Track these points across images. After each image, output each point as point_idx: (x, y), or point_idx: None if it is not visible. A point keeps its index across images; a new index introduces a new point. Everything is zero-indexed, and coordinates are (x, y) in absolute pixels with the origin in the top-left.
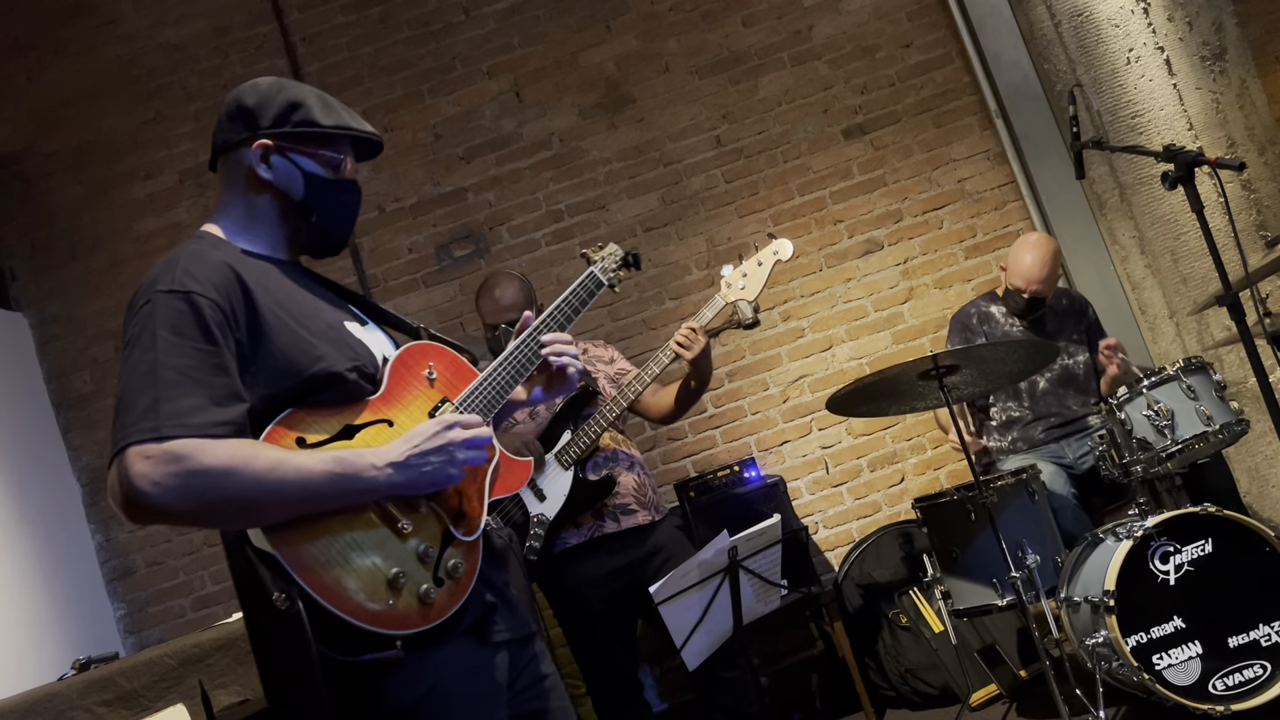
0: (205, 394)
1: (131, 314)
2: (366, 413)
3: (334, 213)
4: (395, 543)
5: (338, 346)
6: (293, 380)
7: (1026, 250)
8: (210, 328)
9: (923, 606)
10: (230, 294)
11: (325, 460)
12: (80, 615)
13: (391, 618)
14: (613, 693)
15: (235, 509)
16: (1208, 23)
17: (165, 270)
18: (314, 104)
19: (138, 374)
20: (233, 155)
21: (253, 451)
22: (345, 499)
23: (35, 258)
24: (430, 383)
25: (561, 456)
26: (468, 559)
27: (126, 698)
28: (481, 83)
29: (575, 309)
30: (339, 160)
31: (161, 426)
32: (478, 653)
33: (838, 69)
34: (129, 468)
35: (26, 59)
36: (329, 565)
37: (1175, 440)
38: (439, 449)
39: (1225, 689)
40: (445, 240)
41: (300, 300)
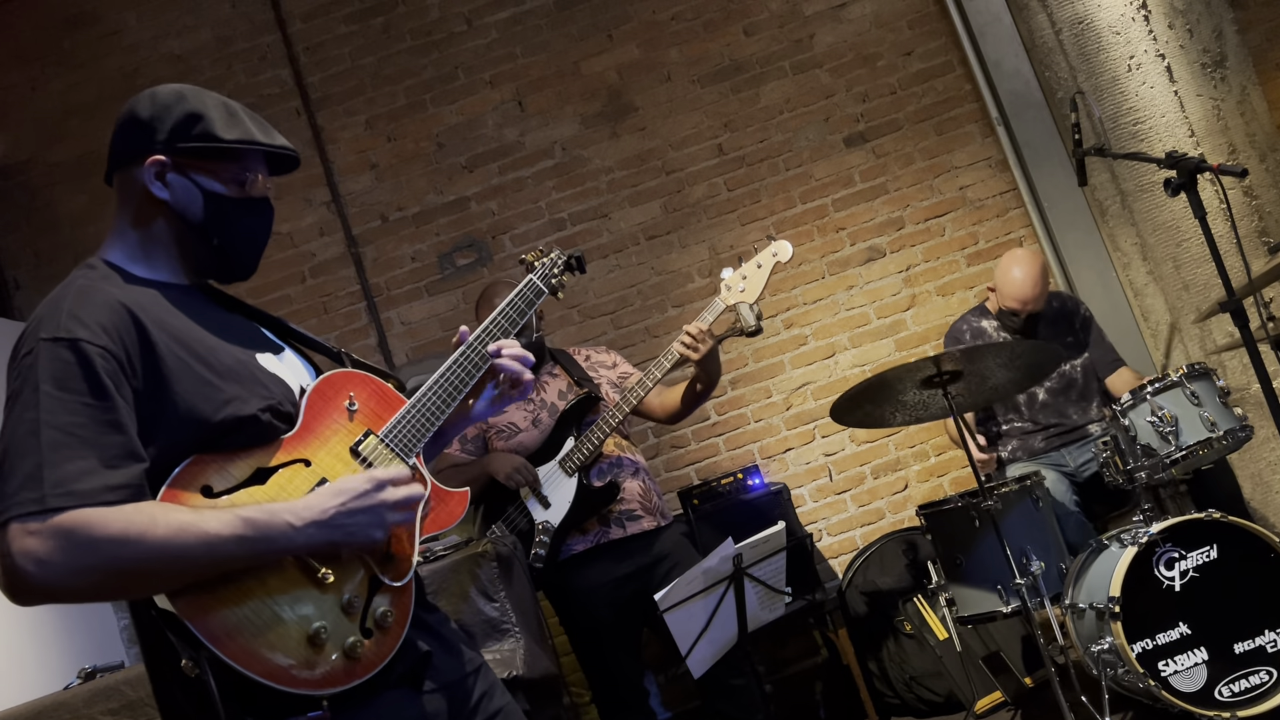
0: (95, 455)
1: (13, 365)
2: (280, 453)
3: (239, 235)
4: (315, 595)
5: (248, 385)
6: (199, 428)
7: (1014, 268)
8: (100, 379)
9: (927, 614)
10: (124, 337)
11: (233, 523)
12: (84, 625)
13: (314, 677)
14: (617, 701)
15: (133, 581)
16: (1208, 30)
17: (49, 313)
18: (215, 115)
19: (18, 435)
20: (126, 172)
21: (150, 519)
22: (258, 559)
23: (39, 267)
24: (350, 415)
25: (565, 463)
26: (398, 605)
27: (132, 706)
28: (484, 92)
29: (514, 319)
30: (245, 177)
31: (46, 497)
32: (412, 704)
33: (839, 77)
34: (10, 545)
35: (31, 69)
36: (241, 625)
37: (1179, 446)
38: (367, 509)
39: (1231, 695)
40: (448, 249)
41: (204, 336)
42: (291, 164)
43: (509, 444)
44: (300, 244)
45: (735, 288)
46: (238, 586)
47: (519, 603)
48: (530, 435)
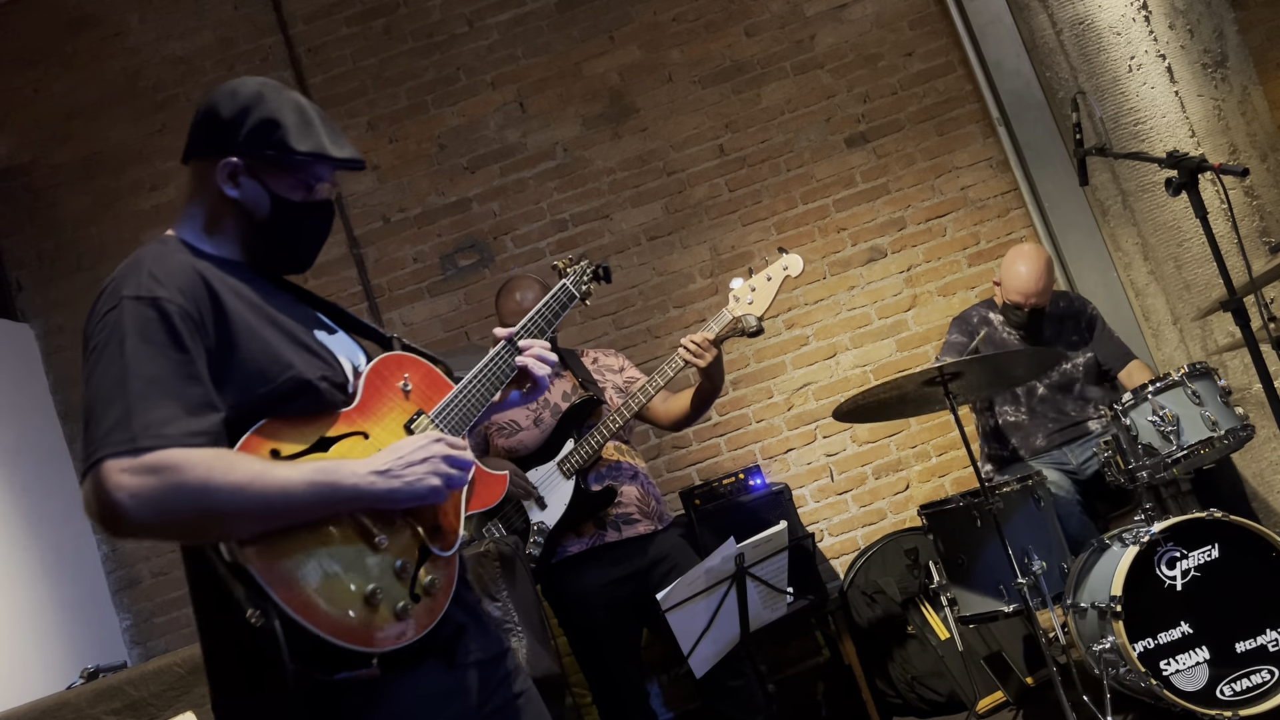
0: (178, 404)
1: (94, 320)
2: (341, 424)
3: (301, 235)
4: (372, 558)
5: (307, 355)
6: (262, 389)
7: (1019, 263)
8: (180, 335)
9: (929, 614)
10: (198, 299)
11: (306, 470)
12: (86, 626)
13: (368, 635)
14: (618, 702)
15: (214, 521)
16: (1209, 30)
17: (130, 274)
18: (291, 124)
19: (106, 384)
20: (201, 163)
21: (231, 463)
22: (327, 508)
23: (42, 269)
24: (405, 394)
25: (564, 465)
26: (444, 575)
27: (135, 706)
28: (485, 93)
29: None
30: (313, 183)
31: (136, 438)
32: (447, 675)
33: (840, 78)
34: (105, 481)
35: (34, 71)
36: (304, 581)
37: (1180, 446)
38: (425, 460)
39: (1233, 694)
40: (450, 250)
41: (267, 308)
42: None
43: (509, 441)
44: None
45: (744, 299)
46: (302, 544)
47: (521, 602)
48: (531, 434)
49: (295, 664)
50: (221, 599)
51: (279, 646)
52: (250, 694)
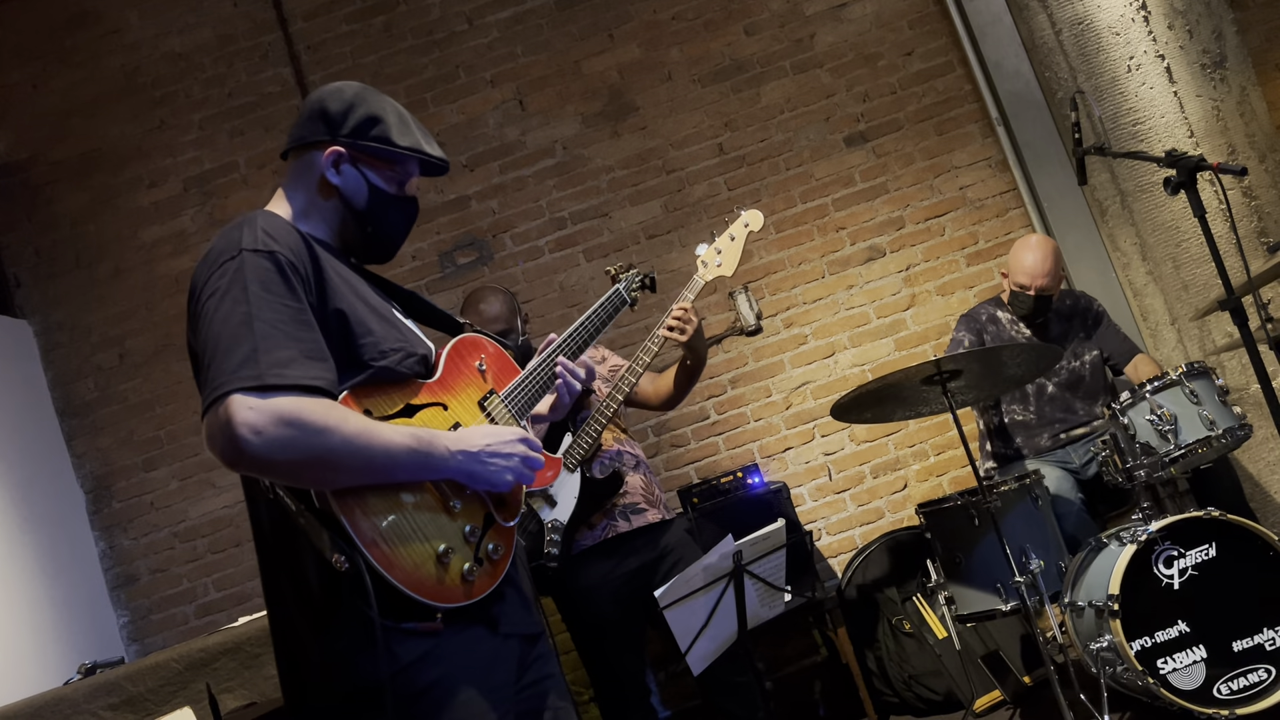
0: (298, 348)
1: (213, 269)
2: (424, 394)
3: (391, 226)
4: (446, 521)
5: (389, 328)
6: (348, 352)
7: (1026, 250)
8: (295, 286)
9: (926, 612)
10: (303, 257)
11: (406, 435)
12: (83, 623)
13: (437, 590)
14: (619, 698)
15: (325, 468)
16: (1208, 31)
17: (247, 229)
18: (392, 121)
19: (230, 324)
20: (306, 153)
21: (344, 415)
22: (418, 474)
23: (40, 265)
24: (481, 374)
25: (566, 459)
26: (505, 544)
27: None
28: (485, 91)
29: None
30: (405, 179)
31: (264, 374)
32: (491, 642)
33: (839, 77)
34: (233, 415)
35: (32, 67)
36: (386, 535)
37: (1178, 445)
38: (507, 455)
39: (1230, 693)
40: (449, 247)
41: (355, 279)
42: (443, 172)
43: None
44: None
45: (712, 263)
46: (387, 502)
47: None
48: None
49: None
50: (296, 547)
51: (365, 589)
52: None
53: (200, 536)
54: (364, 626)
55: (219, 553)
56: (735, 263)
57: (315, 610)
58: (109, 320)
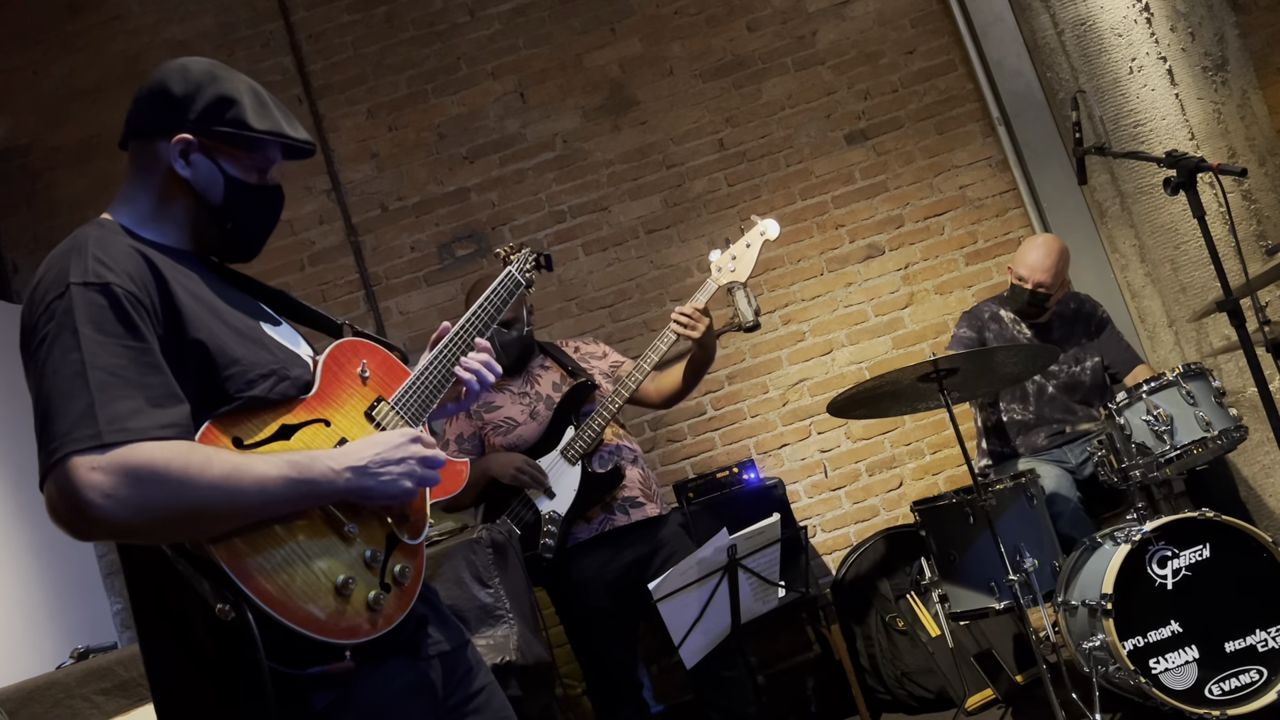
0: (142, 396)
1: (38, 309)
2: (301, 411)
3: (253, 220)
4: (341, 548)
5: (255, 347)
6: (212, 386)
7: (1033, 246)
8: (135, 322)
9: (920, 611)
10: (146, 285)
11: (281, 465)
12: (77, 609)
13: (342, 626)
14: (611, 692)
15: (193, 519)
16: (1210, 33)
17: (74, 259)
18: (247, 102)
19: (62, 377)
20: (148, 144)
21: (205, 458)
22: (302, 503)
23: (38, 251)
24: (364, 381)
25: (567, 452)
26: (414, 563)
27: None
28: (486, 83)
29: (498, 308)
30: (266, 166)
31: (102, 433)
32: (412, 669)
33: (841, 74)
34: (74, 479)
35: (33, 53)
36: (274, 572)
37: (1174, 446)
38: (400, 460)
39: (1221, 694)
40: (447, 239)
41: (213, 299)
42: (307, 155)
43: (507, 439)
44: (300, 232)
45: (725, 268)
46: (272, 537)
47: (513, 590)
48: (529, 428)
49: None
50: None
51: (254, 639)
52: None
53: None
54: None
55: None
56: (749, 269)
57: (203, 668)
58: None
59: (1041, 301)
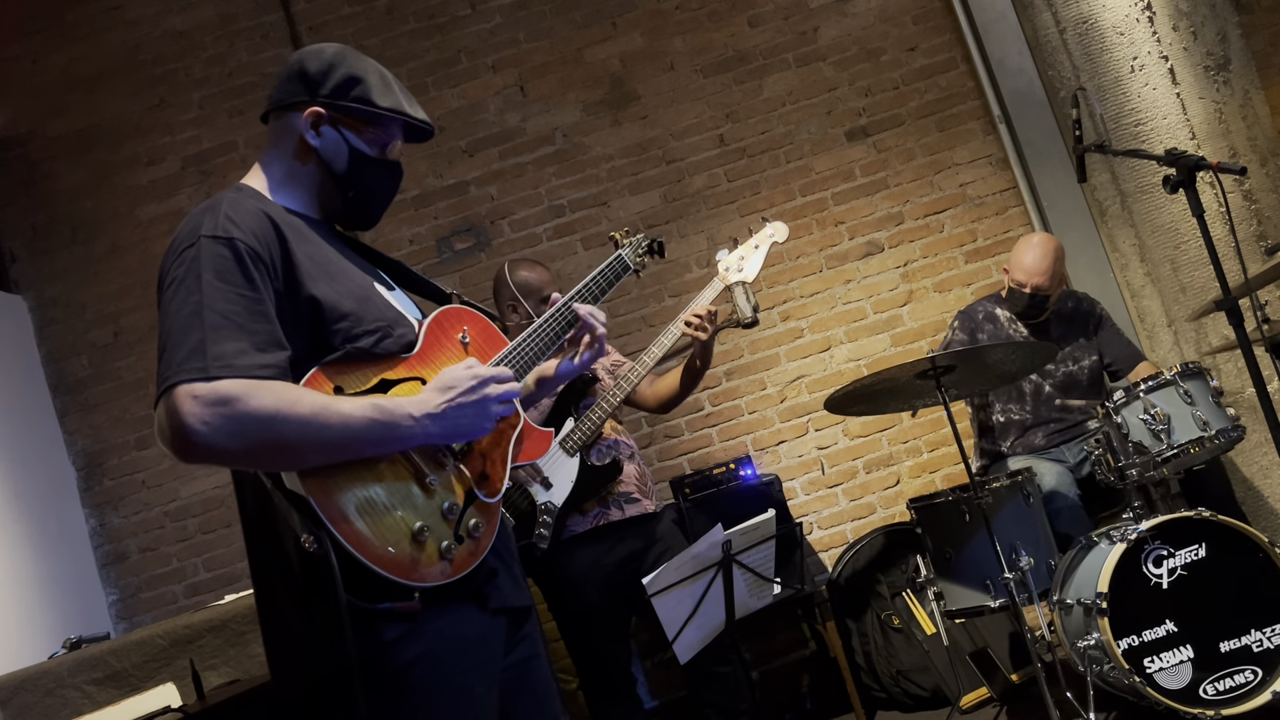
0: (249, 339)
1: (173, 256)
2: (401, 369)
3: (372, 191)
4: (422, 498)
5: (366, 306)
6: (324, 333)
7: (1028, 248)
8: (253, 274)
9: (915, 608)
10: (269, 244)
11: (365, 407)
12: (72, 600)
13: (413, 569)
14: (605, 687)
15: (279, 450)
16: (1212, 33)
17: (208, 216)
18: (374, 82)
19: (183, 315)
20: (284, 116)
21: (297, 395)
22: (383, 446)
23: (36, 241)
24: (464, 347)
25: (566, 443)
26: (488, 520)
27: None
28: (486, 77)
29: (603, 288)
30: (387, 141)
31: (209, 367)
32: (478, 619)
33: (842, 71)
34: (179, 406)
35: (32, 42)
36: (358, 513)
37: (1171, 445)
38: (476, 401)
39: (1216, 694)
40: (446, 233)
41: (333, 258)
42: (427, 136)
43: None
44: None
45: (733, 269)
46: (359, 481)
47: None
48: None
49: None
50: (276, 525)
51: (332, 571)
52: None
53: (191, 516)
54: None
55: (209, 533)
56: (757, 270)
57: (295, 590)
58: (104, 297)
59: (1042, 303)
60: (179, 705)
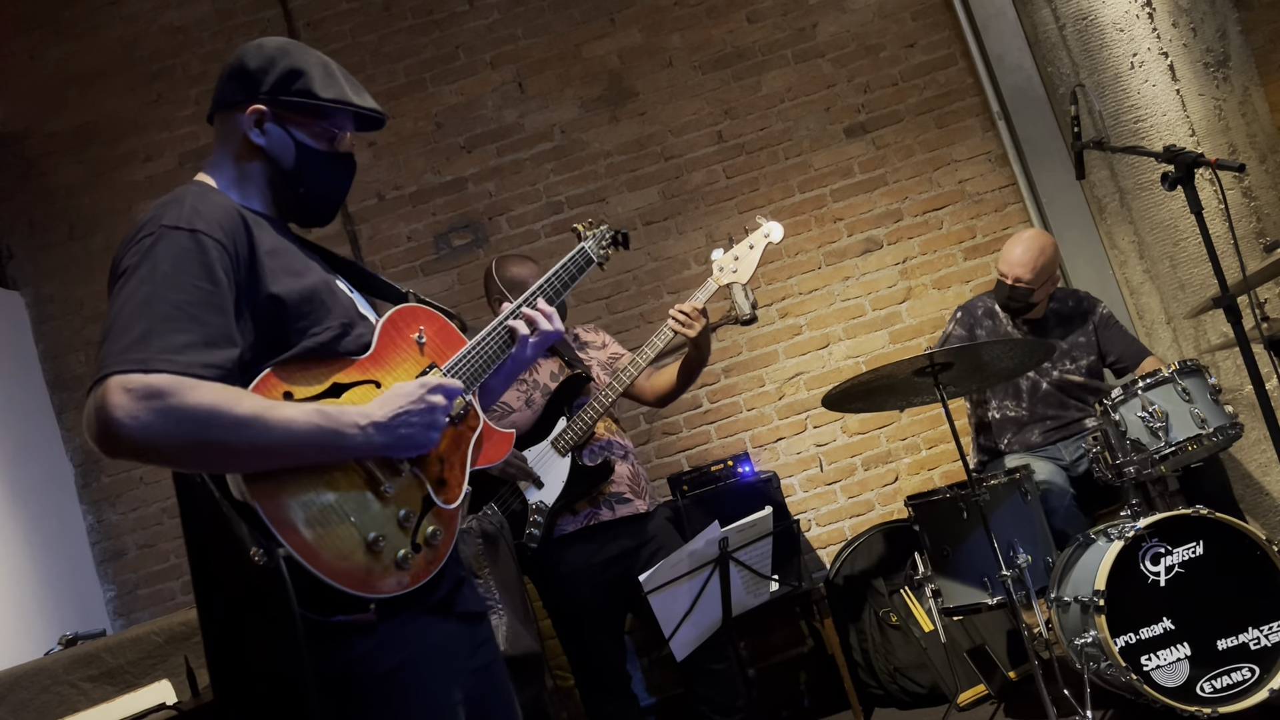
0: (199, 332)
1: (130, 245)
2: (354, 371)
3: (323, 185)
4: (376, 505)
5: (330, 301)
6: (283, 331)
7: (1015, 241)
8: (214, 268)
9: (913, 605)
10: (236, 238)
11: (310, 412)
12: (70, 596)
13: (367, 580)
14: (600, 685)
15: (213, 452)
16: (1212, 29)
17: (172, 207)
18: (316, 74)
19: (132, 303)
20: (228, 114)
21: (237, 397)
22: (327, 454)
23: (33, 237)
24: (420, 347)
25: (558, 443)
26: (447, 528)
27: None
28: (484, 73)
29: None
30: (335, 134)
31: (150, 359)
32: (445, 627)
33: (841, 67)
34: (107, 397)
35: (29, 38)
36: (309, 523)
37: (1169, 442)
38: (424, 412)
39: (1213, 691)
40: (444, 229)
41: (294, 255)
42: (377, 123)
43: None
44: None
45: (727, 268)
46: (309, 488)
47: (503, 580)
48: (523, 415)
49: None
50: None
51: (284, 585)
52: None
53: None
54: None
55: None
56: (751, 271)
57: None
58: (102, 294)
59: (1023, 297)
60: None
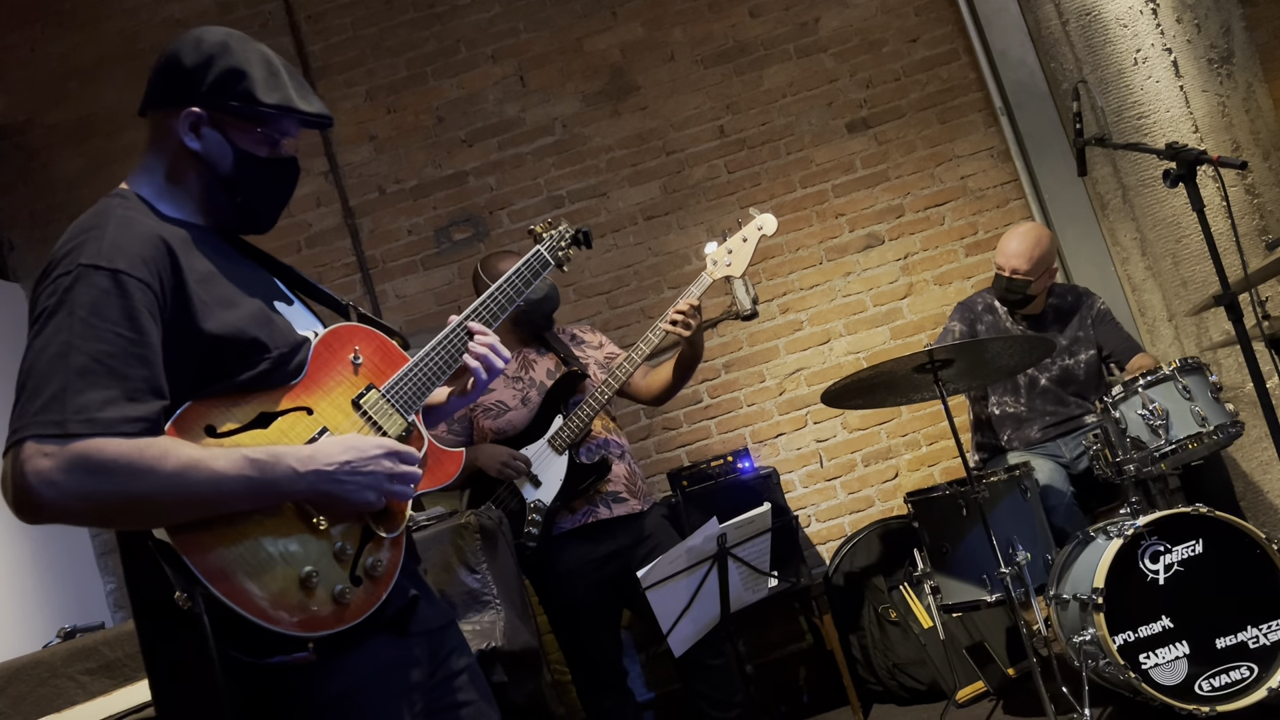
0: (119, 386)
1: (46, 283)
2: (285, 399)
3: (263, 194)
4: (309, 540)
5: (262, 330)
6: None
7: (1012, 233)
8: (136, 313)
9: (912, 602)
10: (161, 271)
11: (239, 463)
12: (70, 589)
13: (303, 619)
14: (596, 681)
15: (139, 512)
16: (1216, 26)
17: (90, 240)
18: (258, 75)
19: (46, 355)
20: (161, 114)
21: (162, 452)
22: (260, 501)
23: (34, 229)
24: (355, 368)
25: (555, 441)
26: (389, 556)
27: (110, 667)
28: (485, 66)
29: (518, 289)
30: (277, 139)
31: (66, 421)
32: (397, 647)
33: (843, 62)
34: (25, 464)
35: (30, 30)
36: (236, 563)
37: (1169, 440)
38: (369, 473)
39: (1211, 690)
40: (445, 223)
41: (224, 279)
42: (325, 127)
43: (497, 422)
44: (297, 213)
45: (721, 262)
46: (235, 526)
47: (501, 575)
48: (519, 414)
49: (223, 649)
50: (151, 579)
51: (205, 633)
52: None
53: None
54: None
55: None
56: (745, 263)
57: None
58: None
59: (1021, 289)
60: None
